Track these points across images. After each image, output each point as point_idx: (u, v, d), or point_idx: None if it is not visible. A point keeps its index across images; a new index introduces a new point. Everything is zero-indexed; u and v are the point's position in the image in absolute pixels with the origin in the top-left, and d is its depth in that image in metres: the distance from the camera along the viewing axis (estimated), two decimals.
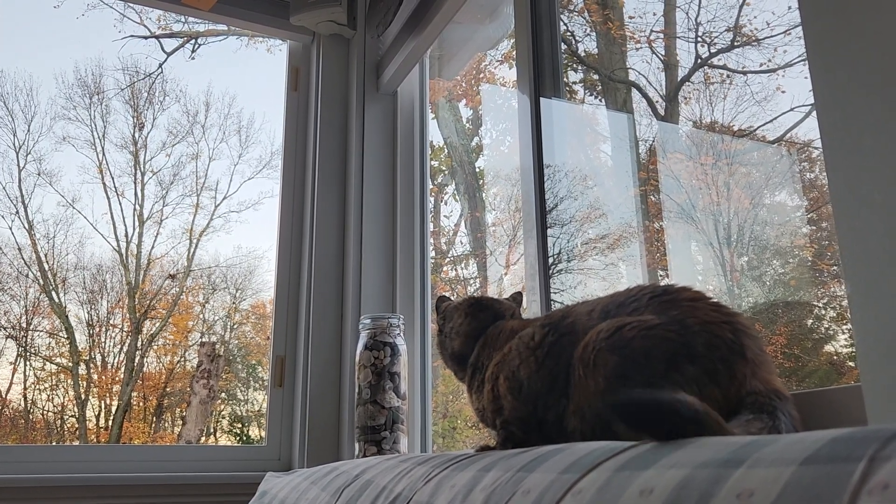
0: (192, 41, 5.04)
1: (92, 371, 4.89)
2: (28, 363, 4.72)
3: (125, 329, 4.97)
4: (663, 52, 2.17)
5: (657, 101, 2.11)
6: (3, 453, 1.96)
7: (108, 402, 4.85)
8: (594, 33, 2.47)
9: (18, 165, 4.64)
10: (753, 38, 1.81)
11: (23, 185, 4.64)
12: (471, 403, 1.04)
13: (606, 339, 0.77)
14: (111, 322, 4.97)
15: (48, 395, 4.82)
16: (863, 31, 0.70)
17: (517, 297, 1.19)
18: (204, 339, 5.15)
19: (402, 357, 1.77)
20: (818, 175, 1.63)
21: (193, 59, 5.16)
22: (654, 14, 2.17)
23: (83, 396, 4.75)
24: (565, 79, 2.12)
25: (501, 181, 2.96)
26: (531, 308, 1.62)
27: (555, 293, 1.77)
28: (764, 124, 1.75)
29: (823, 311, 1.66)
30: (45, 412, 4.83)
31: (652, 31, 2.17)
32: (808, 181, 1.67)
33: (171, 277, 5.02)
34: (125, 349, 4.94)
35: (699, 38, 2.02)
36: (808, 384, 1.62)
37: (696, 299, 0.78)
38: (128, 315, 4.95)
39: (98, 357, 4.91)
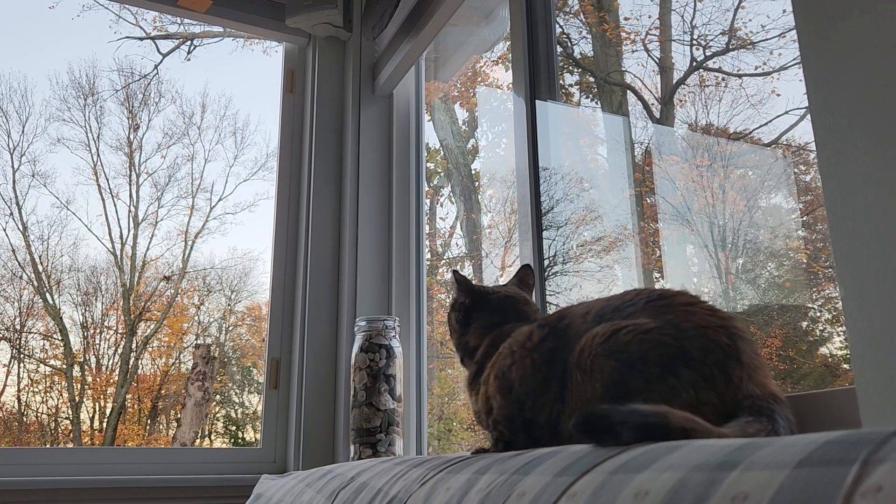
0: (188, 43, 5.03)
1: (86, 373, 4.88)
2: (22, 365, 4.71)
3: (120, 331, 4.96)
4: (659, 55, 2.18)
5: (652, 104, 2.12)
6: None
7: (102, 404, 4.84)
8: (590, 36, 2.48)
9: (13, 167, 4.63)
10: (748, 41, 1.81)
11: (17, 187, 4.64)
12: (471, 405, 1.03)
13: (602, 344, 0.77)
14: (105, 324, 4.96)
15: (42, 398, 4.80)
16: (857, 34, 0.71)
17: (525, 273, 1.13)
18: (199, 342, 5.13)
19: (397, 359, 1.77)
20: (813, 178, 1.63)
21: (189, 60, 5.16)
22: (650, 17, 2.18)
23: (77, 399, 4.74)
24: (561, 81, 2.12)
25: (497, 183, 2.97)
26: None
27: (550, 295, 1.77)
28: (759, 127, 1.75)
29: (818, 314, 1.66)
30: (38, 414, 4.81)
31: (647, 33, 2.18)
32: (803, 184, 1.67)
33: (165, 279, 5.00)
34: (119, 351, 4.92)
35: (694, 41, 2.03)
36: (803, 386, 1.62)
37: (692, 303, 0.78)
38: (122, 317, 4.93)
39: (92, 359, 4.90)
